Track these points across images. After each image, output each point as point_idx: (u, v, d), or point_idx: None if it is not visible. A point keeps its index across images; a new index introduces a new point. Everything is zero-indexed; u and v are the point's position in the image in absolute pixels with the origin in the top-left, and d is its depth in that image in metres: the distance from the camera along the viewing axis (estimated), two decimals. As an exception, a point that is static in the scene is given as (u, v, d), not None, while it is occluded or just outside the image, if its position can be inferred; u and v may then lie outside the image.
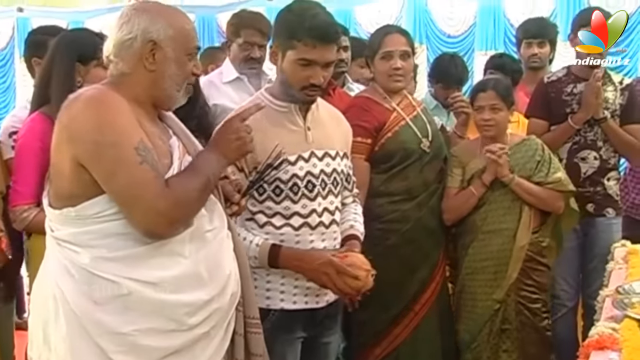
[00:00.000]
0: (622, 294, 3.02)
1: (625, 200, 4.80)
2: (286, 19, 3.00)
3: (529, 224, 3.92)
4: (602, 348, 2.54)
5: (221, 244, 2.52)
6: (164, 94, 2.44)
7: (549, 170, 3.94)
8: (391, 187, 3.82)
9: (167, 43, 2.38)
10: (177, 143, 2.48)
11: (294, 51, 2.93)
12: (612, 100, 4.41)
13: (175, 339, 2.35)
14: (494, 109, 3.90)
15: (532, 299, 3.97)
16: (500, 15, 8.50)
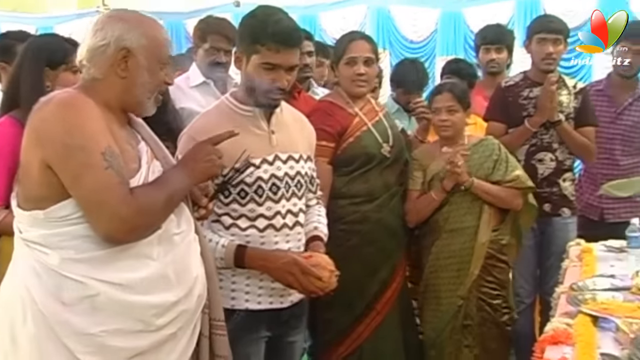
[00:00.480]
0: (576, 291, 3.06)
1: (580, 200, 4.83)
2: (250, 25, 3.00)
3: (489, 222, 3.95)
4: (556, 343, 2.57)
5: (188, 247, 2.51)
6: (134, 100, 2.42)
7: (506, 169, 3.96)
8: (353, 189, 3.82)
9: (140, 51, 2.37)
10: (145, 148, 2.48)
11: (258, 55, 2.93)
12: (567, 103, 4.45)
13: (143, 340, 2.34)
14: (450, 110, 3.92)
15: (492, 295, 3.98)
16: (460, 22, 8.56)
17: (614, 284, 3.15)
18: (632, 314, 2.70)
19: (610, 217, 4.90)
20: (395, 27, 8.74)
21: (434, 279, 4.02)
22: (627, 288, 3.04)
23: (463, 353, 3.97)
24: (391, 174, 3.92)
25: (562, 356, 2.40)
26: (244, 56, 2.99)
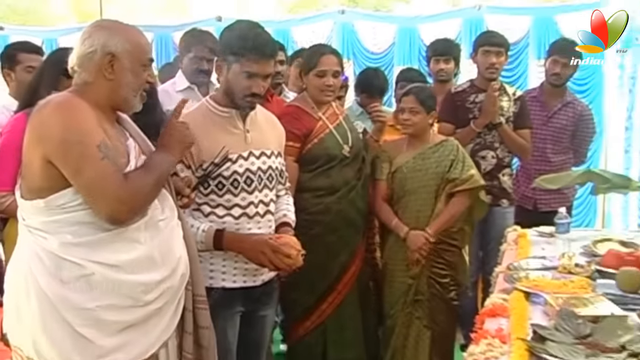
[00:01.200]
0: (512, 270, 3.09)
1: (517, 192, 4.87)
2: (232, 37, 3.00)
3: (440, 212, 3.96)
4: (494, 315, 2.59)
5: (172, 232, 2.52)
6: (121, 99, 2.42)
7: (463, 168, 3.96)
8: (316, 183, 3.83)
9: (124, 55, 2.38)
10: (133, 144, 2.48)
11: (238, 64, 2.95)
12: (507, 108, 4.48)
13: (132, 314, 2.36)
14: (412, 111, 3.92)
15: (441, 274, 4.01)
16: (415, 36, 8.55)
17: (544, 264, 3.20)
18: (558, 290, 2.73)
19: (542, 206, 4.96)
20: (358, 40, 8.71)
21: (391, 260, 4.05)
22: (555, 267, 3.09)
23: (414, 324, 4.00)
24: (350, 170, 3.92)
25: (499, 327, 2.42)
26: (225, 64, 3.00)
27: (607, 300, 2.56)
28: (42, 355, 2.32)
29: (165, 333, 2.48)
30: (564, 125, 4.97)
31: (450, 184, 3.95)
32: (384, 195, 4.03)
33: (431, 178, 3.95)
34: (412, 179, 3.96)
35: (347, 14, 8.72)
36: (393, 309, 4.00)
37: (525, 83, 7.66)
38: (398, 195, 4.01)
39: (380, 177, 4.03)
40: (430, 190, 3.96)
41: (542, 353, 2.14)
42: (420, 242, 3.89)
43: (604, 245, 3.43)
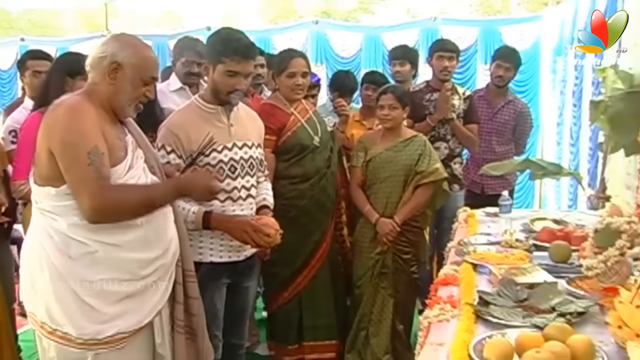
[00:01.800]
0: (462, 245, 3.10)
1: (467, 178, 4.89)
2: (216, 41, 3.01)
3: (407, 201, 3.96)
4: (446, 284, 2.60)
5: (165, 216, 2.53)
6: (117, 105, 2.41)
7: (429, 162, 3.95)
8: (291, 172, 3.81)
9: (128, 67, 2.37)
10: (131, 139, 2.49)
11: (223, 65, 2.94)
12: (458, 105, 4.50)
13: (131, 286, 2.39)
14: (391, 107, 3.91)
15: (404, 251, 4.01)
16: (379, 43, 8.57)
17: (489, 239, 3.22)
18: (501, 261, 2.75)
19: (488, 190, 4.99)
20: (330, 46, 8.70)
21: (361, 238, 4.05)
22: (498, 242, 3.10)
23: (380, 293, 4.01)
24: (321, 159, 3.90)
25: (450, 294, 2.44)
26: (211, 66, 2.98)
27: (541, 270, 2.58)
28: (54, 320, 2.34)
29: (159, 303, 2.50)
30: (507, 121, 5.01)
31: (417, 175, 3.94)
32: (358, 181, 4.02)
33: (400, 169, 3.94)
34: (384, 168, 3.94)
35: (320, 24, 8.73)
36: (360, 280, 4.00)
37: (473, 84, 7.72)
38: (370, 182, 3.99)
39: (356, 165, 4.01)
40: (400, 180, 3.95)
41: (486, 315, 2.16)
42: (388, 228, 3.90)
43: (539, 223, 3.46)
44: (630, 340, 1.68)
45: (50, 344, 2.38)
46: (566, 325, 1.94)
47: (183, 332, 2.60)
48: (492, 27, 8.28)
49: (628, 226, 2.31)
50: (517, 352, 1.79)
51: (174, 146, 2.92)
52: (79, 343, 2.34)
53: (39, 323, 2.38)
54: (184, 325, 2.61)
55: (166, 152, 2.92)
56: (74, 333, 2.33)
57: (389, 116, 3.92)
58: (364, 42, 8.67)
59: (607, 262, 2.26)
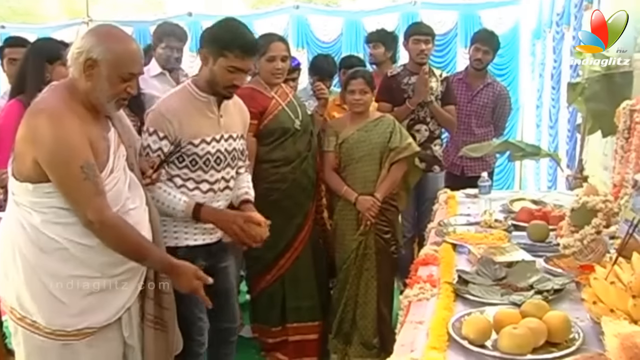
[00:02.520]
0: (442, 226, 3.12)
1: (447, 160, 4.91)
2: (220, 34, 2.87)
3: (384, 178, 3.96)
4: (426, 264, 2.62)
5: (140, 218, 2.47)
6: (96, 102, 2.32)
7: (401, 138, 3.96)
8: (273, 155, 3.79)
9: (103, 63, 2.27)
10: (114, 135, 2.42)
11: (225, 59, 2.82)
12: (435, 88, 4.50)
13: (100, 283, 2.36)
14: (362, 92, 3.90)
15: (384, 231, 4.01)
16: (360, 28, 8.54)
17: (469, 220, 3.24)
18: (480, 241, 2.78)
19: (468, 172, 5.01)
20: (311, 31, 8.66)
21: (341, 221, 4.03)
22: (478, 223, 3.13)
23: (364, 275, 4.01)
24: (302, 143, 3.89)
25: (430, 273, 2.46)
26: (211, 57, 2.85)
27: (519, 249, 2.60)
28: (24, 308, 2.34)
29: (129, 301, 2.47)
30: (486, 103, 5.04)
31: (392, 152, 3.94)
32: (332, 165, 4.00)
33: (374, 147, 3.93)
34: (358, 148, 3.93)
35: (301, 9, 8.66)
36: (345, 263, 3.99)
37: (453, 68, 7.71)
38: (345, 164, 3.98)
39: (328, 149, 3.99)
40: (375, 158, 3.94)
41: (465, 294, 2.18)
42: (368, 204, 3.89)
43: (518, 203, 3.49)
44: (605, 316, 1.70)
45: (18, 329, 2.38)
46: (543, 302, 1.96)
47: (152, 325, 2.56)
48: (472, 11, 8.27)
49: (604, 205, 2.34)
50: (495, 328, 1.81)
51: (166, 132, 2.83)
52: (47, 332, 2.33)
53: (9, 308, 2.38)
54: (154, 317, 2.58)
55: (158, 138, 2.83)
56: (43, 322, 2.32)
57: (360, 100, 3.91)
58: (345, 27, 8.64)
59: (583, 241, 2.28)
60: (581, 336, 1.78)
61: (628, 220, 2.35)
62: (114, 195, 2.34)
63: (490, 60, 5.05)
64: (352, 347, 4.03)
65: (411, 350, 1.80)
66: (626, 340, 1.48)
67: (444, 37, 7.63)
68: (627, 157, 2.81)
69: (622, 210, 2.50)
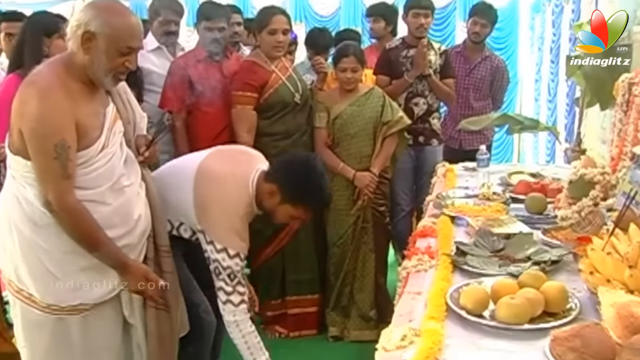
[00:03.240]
0: (440, 199, 3.12)
1: (445, 134, 4.90)
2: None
3: (379, 152, 3.97)
4: (424, 236, 2.62)
5: (135, 196, 2.45)
6: (93, 76, 2.28)
7: (392, 111, 3.96)
8: (273, 129, 3.80)
9: (101, 37, 2.22)
10: (111, 111, 2.40)
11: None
12: (434, 61, 4.47)
13: (91, 260, 2.34)
14: (354, 70, 3.88)
15: (379, 204, 4.04)
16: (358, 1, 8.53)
17: (467, 193, 3.24)
18: (478, 213, 2.79)
19: (466, 145, 5.02)
20: (309, 4, 8.63)
21: (336, 196, 3.95)
22: (476, 196, 3.13)
23: (362, 249, 4.03)
24: (302, 116, 3.90)
25: (428, 245, 2.46)
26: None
27: (517, 221, 2.61)
28: (21, 281, 2.35)
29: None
30: (484, 76, 5.03)
31: (384, 126, 3.94)
32: (325, 142, 3.97)
33: (368, 122, 3.93)
34: (352, 124, 3.92)
35: (299, -18, 8.61)
36: (342, 238, 4.00)
37: (452, 41, 7.72)
38: (339, 139, 3.95)
39: (320, 125, 3.96)
40: (369, 133, 3.94)
41: (463, 265, 2.19)
42: (367, 180, 3.90)
43: (517, 176, 3.49)
44: (601, 286, 1.71)
45: (16, 302, 2.39)
46: (540, 272, 1.97)
47: (154, 304, 2.52)
48: (471, -16, 8.24)
49: (601, 177, 2.35)
50: (492, 299, 1.83)
51: None
52: (43, 307, 2.34)
53: (7, 280, 2.39)
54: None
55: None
56: (38, 296, 2.33)
57: (352, 79, 3.90)
58: (343, 0, 8.60)
59: (581, 213, 2.29)
60: (578, 306, 1.79)
61: (625, 192, 2.35)
62: (107, 171, 2.32)
63: (488, 33, 5.03)
64: (351, 320, 4.06)
65: (409, 320, 1.81)
66: (622, 309, 1.50)
67: (443, 11, 7.61)
68: (625, 130, 2.81)
69: (619, 183, 2.50)
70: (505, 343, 1.65)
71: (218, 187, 2.61)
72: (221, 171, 2.66)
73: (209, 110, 3.88)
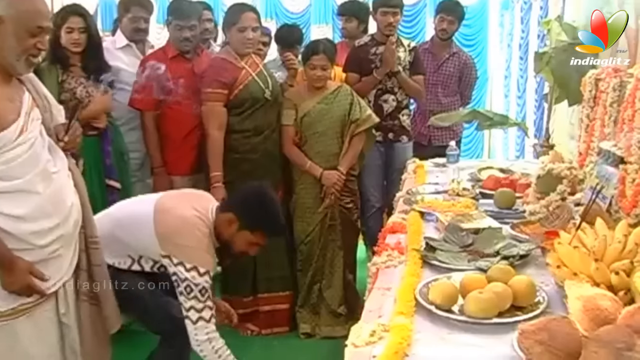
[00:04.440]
0: (410, 195, 3.14)
1: (414, 130, 4.90)
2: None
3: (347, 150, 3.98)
4: (394, 232, 2.63)
5: (64, 182, 2.35)
6: (4, 61, 2.17)
7: (361, 109, 3.95)
8: (244, 126, 3.78)
9: (8, 19, 2.11)
10: (28, 100, 2.26)
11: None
12: (403, 58, 4.47)
13: (29, 256, 2.22)
14: (324, 68, 3.88)
15: (347, 201, 4.04)
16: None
17: (437, 189, 3.27)
18: (448, 209, 2.80)
19: (435, 141, 5.02)
20: (280, 1, 8.60)
21: (303, 194, 4.01)
22: (446, 191, 3.15)
23: (329, 246, 4.03)
24: (272, 113, 3.89)
25: (398, 241, 2.47)
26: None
27: (486, 216, 2.63)
28: None
29: (65, 275, 2.37)
30: (451, 73, 5.05)
31: (353, 124, 3.95)
32: (293, 139, 3.96)
33: (336, 120, 3.92)
34: (320, 122, 3.92)
35: (270, -21, 8.56)
36: (309, 236, 3.99)
37: (423, 38, 7.69)
38: (307, 137, 3.94)
39: (288, 123, 3.95)
40: (337, 132, 3.94)
41: (432, 260, 2.20)
42: (334, 179, 3.90)
43: (486, 172, 3.52)
44: (568, 280, 1.73)
45: None
46: (508, 267, 1.99)
47: (87, 299, 2.45)
48: (441, -19, 8.27)
49: (569, 172, 2.37)
50: (461, 293, 1.83)
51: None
52: None
53: None
54: (88, 292, 2.46)
55: None
56: None
57: (322, 77, 3.90)
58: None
59: (549, 207, 2.32)
60: (546, 300, 1.81)
61: (592, 187, 2.38)
62: (31, 158, 2.20)
63: (455, 29, 5.04)
64: (321, 317, 4.06)
65: (379, 316, 1.82)
66: (588, 302, 1.51)
67: (413, 8, 7.63)
68: (592, 126, 2.83)
69: (587, 177, 2.53)
70: (473, 337, 1.67)
71: (179, 214, 2.68)
72: (180, 203, 2.75)
73: (179, 108, 3.86)
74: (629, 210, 2.15)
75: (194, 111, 3.82)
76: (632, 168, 2.20)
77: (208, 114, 3.75)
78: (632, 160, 2.21)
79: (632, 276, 1.70)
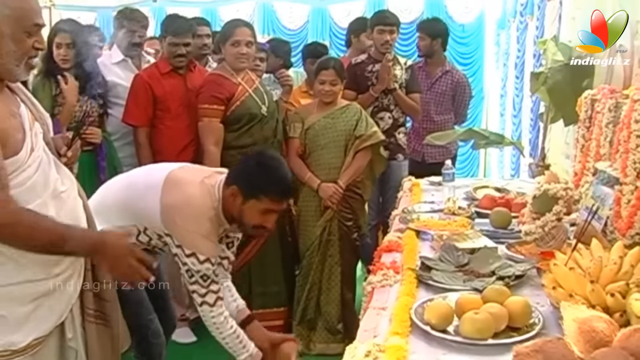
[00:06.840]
0: (406, 213, 3.13)
1: (410, 148, 4.92)
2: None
3: (349, 165, 3.97)
4: (390, 251, 2.62)
5: (75, 202, 2.18)
6: (3, 68, 1.96)
7: (367, 126, 3.97)
8: (240, 141, 3.79)
9: (4, 21, 1.91)
10: (25, 112, 2.06)
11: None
12: (400, 76, 4.50)
13: (45, 285, 2.05)
14: (332, 83, 3.91)
15: (347, 218, 4.03)
16: (326, 15, 8.56)
17: (433, 207, 3.25)
18: (443, 228, 2.79)
19: (429, 159, 5.04)
20: (277, 18, 8.64)
21: (305, 208, 4.04)
22: (441, 210, 3.14)
23: (327, 262, 4.02)
24: (268, 128, 3.89)
25: (393, 260, 2.46)
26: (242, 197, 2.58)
27: (482, 236, 2.63)
28: None
29: (72, 297, 2.17)
30: (444, 90, 5.09)
31: (357, 140, 3.96)
32: (297, 151, 4.00)
33: (339, 135, 3.95)
34: (323, 135, 3.94)
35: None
36: (309, 249, 4.00)
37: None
38: (310, 150, 3.98)
39: (293, 136, 3.99)
40: (340, 146, 3.96)
41: (428, 280, 2.19)
42: (331, 191, 3.91)
43: (482, 191, 3.52)
44: (564, 301, 1.72)
45: None
46: (504, 287, 1.98)
47: (94, 320, 2.25)
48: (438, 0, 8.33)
49: (564, 192, 2.36)
50: (456, 313, 1.83)
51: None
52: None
53: None
54: (95, 311, 2.25)
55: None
56: None
57: (330, 92, 3.93)
58: (311, 14, 8.65)
59: (544, 227, 2.31)
60: (541, 321, 1.80)
61: (588, 207, 2.39)
62: (41, 178, 2.02)
63: (432, 47, 5.07)
64: (317, 333, 4.05)
65: (374, 335, 1.81)
66: (584, 324, 1.50)
67: (410, 26, 7.65)
68: (587, 146, 2.84)
69: (582, 198, 2.53)
70: (469, 358, 1.66)
71: (186, 191, 2.57)
72: (189, 178, 2.63)
73: (172, 124, 3.87)
74: (625, 232, 2.15)
75: (187, 127, 3.82)
76: (627, 189, 2.21)
77: (205, 130, 3.76)
78: (627, 181, 2.22)
79: (628, 298, 1.69)
